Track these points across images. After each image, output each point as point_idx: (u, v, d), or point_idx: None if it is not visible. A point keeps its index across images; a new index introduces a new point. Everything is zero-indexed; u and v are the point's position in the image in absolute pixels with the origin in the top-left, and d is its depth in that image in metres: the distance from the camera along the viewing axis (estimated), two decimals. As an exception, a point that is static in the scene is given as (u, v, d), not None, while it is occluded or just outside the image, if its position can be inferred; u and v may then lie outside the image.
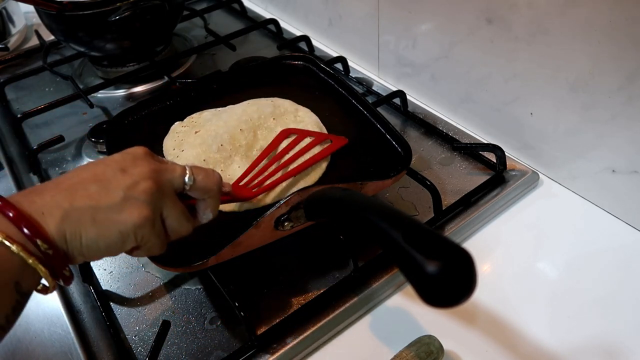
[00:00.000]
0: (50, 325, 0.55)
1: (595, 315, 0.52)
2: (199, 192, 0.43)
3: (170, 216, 0.41)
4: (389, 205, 0.40)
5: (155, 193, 0.39)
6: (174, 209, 0.41)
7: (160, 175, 0.41)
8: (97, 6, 0.77)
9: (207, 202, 0.44)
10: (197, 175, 0.43)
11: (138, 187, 0.38)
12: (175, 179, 0.42)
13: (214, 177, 0.44)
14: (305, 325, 0.52)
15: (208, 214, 0.45)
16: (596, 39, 0.53)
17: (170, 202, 0.41)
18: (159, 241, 0.41)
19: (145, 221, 0.38)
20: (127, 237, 0.38)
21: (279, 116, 0.65)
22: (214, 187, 0.44)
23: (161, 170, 0.41)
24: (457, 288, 0.32)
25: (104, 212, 0.37)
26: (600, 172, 0.60)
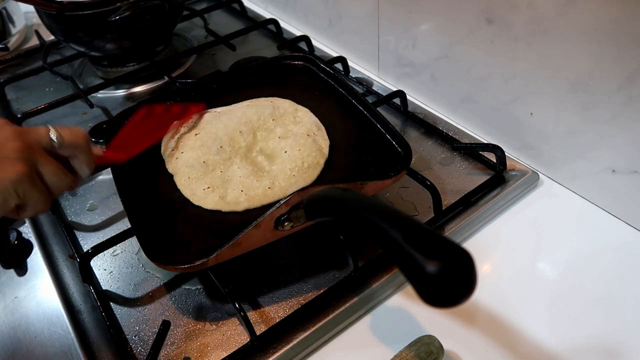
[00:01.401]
0: (50, 325, 0.55)
1: (595, 315, 0.52)
2: (68, 149, 0.45)
3: (47, 172, 0.43)
4: (389, 205, 0.40)
5: (25, 150, 0.41)
6: (48, 164, 0.43)
7: (26, 135, 0.42)
8: (97, 6, 0.77)
9: (80, 158, 0.46)
10: (62, 132, 0.44)
11: (5, 147, 0.40)
12: (41, 137, 0.43)
13: (80, 132, 0.46)
14: (305, 325, 0.52)
15: (85, 169, 0.47)
16: (596, 39, 0.53)
17: (43, 158, 0.43)
18: (42, 196, 0.43)
19: (22, 176, 0.40)
20: (8, 195, 0.40)
21: (278, 117, 0.65)
22: (81, 142, 0.46)
23: (25, 131, 0.43)
24: (457, 288, 0.32)
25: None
26: (600, 172, 0.60)
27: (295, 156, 0.59)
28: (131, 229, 0.57)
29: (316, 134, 0.63)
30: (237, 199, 0.56)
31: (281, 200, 0.48)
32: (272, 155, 0.61)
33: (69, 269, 0.61)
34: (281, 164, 0.59)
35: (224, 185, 0.58)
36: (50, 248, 0.63)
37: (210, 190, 0.57)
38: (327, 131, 0.64)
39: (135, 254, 0.61)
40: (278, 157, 0.60)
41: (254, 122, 0.64)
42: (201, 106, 0.67)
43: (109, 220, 0.66)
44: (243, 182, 0.57)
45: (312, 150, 0.60)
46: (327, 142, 0.62)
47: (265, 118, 0.64)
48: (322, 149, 0.61)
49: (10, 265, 0.61)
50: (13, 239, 0.62)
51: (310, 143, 0.61)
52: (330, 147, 0.62)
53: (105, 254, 0.61)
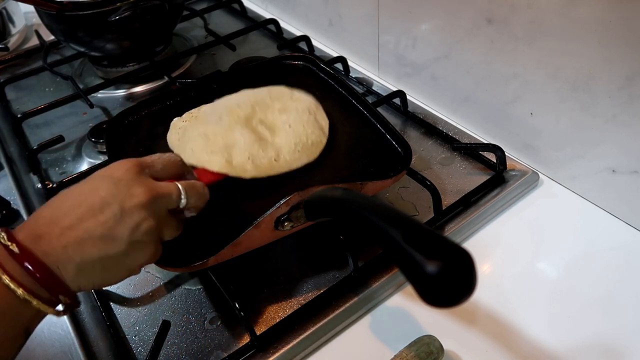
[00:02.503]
0: (50, 325, 0.55)
1: (595, 315, 0.52)
2: (188, 211, 0.46)
3: (166, 234, 0.44)
4: (389, 205, 0.40)
5: (156, 229, 0.42)
6: (169, 229, 0.44)
7: (157, 205, 0.42)
8: (97, 6, 0.77)
9: (193, 212, 0.47)
10: (190, 198, 0.45)
11: (140, 230, 0.40)
12: (170, 203, 0.43)
13: (204, 195, 0.47)
14: (305, 325, 0.52)
15: (191, 214, 0.47)
16: (596, 39, 0.53)
17: (166, 225, 0.43)
18: (158, 254, 0.44)
19: (151, 258, 0.42)
20: (134, 271, 0.42)
21: (275, 96, 0.66)
22: (203, 204, 0.47)
23: (158, 197, 0.42)
24: (457, 288, 0.32)
25: (113, 260, 0.39)
26: (600, 172, 0.60)
27: (299, 132, 0.60)
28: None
29: (316, 113, 0.63)
30: (243, 166, 0.57)
31: (281, 200, 0.48)
32: (273, 127, 0.61)
33: (69, 269, 0.61)
34: (285, 137, 0.59)
35: (227, 150, 0.58)
36: (50, 248, 0.63)
37: (215, 154, 0.57)
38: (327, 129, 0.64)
39: (135, 254, 0.61)
40: (280, 130, 0.61)
41: (251, 98, 0.65)
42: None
43: (109, 220, 0.66)
44: (248, 149, 0.58)
45: (315, 128, 0.61)
46: (326, 122, 0.63)
47: (262, 96, 0.65)
48: (323, 127, 0.62)
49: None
50: (13, 239, 0.62)
51: (312, 121, 0.61)
52: (330, 146, 0.62)
53: (105, 254, 0.61)
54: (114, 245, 0.39)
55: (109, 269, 0.40)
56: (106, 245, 0.39)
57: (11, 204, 0.68)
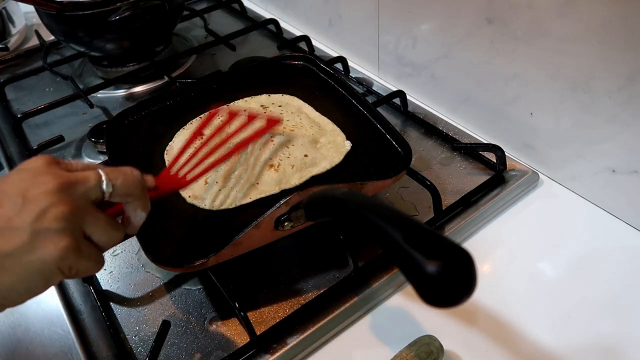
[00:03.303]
0: (50, 325, 0.55)
1: (595, 315, 0.52)
2: (121, 197, 0.39)
3: (96, 232, 0.37)
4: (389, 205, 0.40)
5: (69, 216, 0.34)
6: (96, 224, 0.37)
7: (72, 191, 0.35)
8: (97, 6, 0.77)
9: (135, 204, 0.41)
10: (115, 180, 0.38)
11: (47, 216, 0.33)
12: (90, 190, 0.37)
13: (134, 177, 0.40)
14: (305, 325, 0.52)
15: (140, 214, 0.41)
16: (596, 39, 0.53)
17: (91, 217, 0.36)
18: (91, 263, 0.37)
19: (67, 252, 0.34)
20: (51, 274, 0.34)
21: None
22: (136, 189, 0.40)
23: (71, 183, 0.36)
24: (457, 288, 0.32)
25: (13, 257, 0.33)
26: (600, 172, 0.60)
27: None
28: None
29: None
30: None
31: (281, 200, 0.48)
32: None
33: (69, 269, 0.61)
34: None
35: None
36: (50, 248, 0.63)
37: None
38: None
39: (135, 254, 0.61)
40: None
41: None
42: (276, 121, 0.58)
43: (109, 220, 0.66)
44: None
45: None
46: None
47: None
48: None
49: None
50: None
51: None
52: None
53: (105, 254, 0.60)
54: (11, 238, 0.33)
55: (10, 269, 0.33)
56: (2, 238, 0.33)
57: (11, 204, 0.68)
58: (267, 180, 0.57)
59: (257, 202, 0.56)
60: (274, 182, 0.57)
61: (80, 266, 0.36)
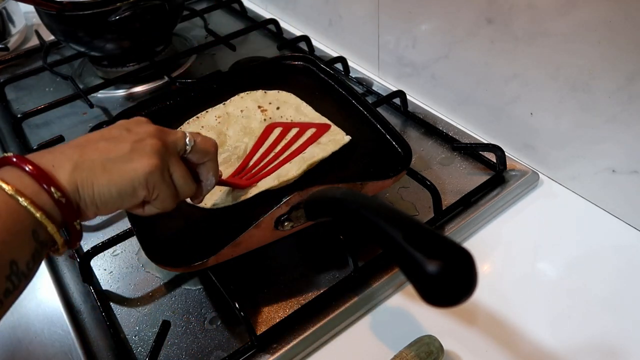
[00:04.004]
0: (50, 325, 0.55)
1: (596, 315, 0.52)
2: (198, 155, 0.46)
3: (176, 172, 0.44)
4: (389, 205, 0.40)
5: (161, 148, 0.42)
6: (179, 167, 0.44)
7: (165, 136, 0.44)
8: (97, 6, 0.77)
9: (207, 165, 0.47)
10: (196, 138, 0.46)
11: (145, 142, 0.41)
12: (178, 140, 0.45)
13: (211, 140, 0.48)
14: (305, 325, 0.52)
15: (211, 178, 0.48)
16: (596, 39, 0.53)
17: (176, 160, 0.44)
18: (169, 192, 0.43)
19: (155, 169, 0.41)
20: (139, 184, 0.40)
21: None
22: (211, 149, 0.47)
23: (164, 131, 0.44)
24: (458, 288, 0.32)
25: (114, 162, 0.40)
26: (600, 172, 0.60)
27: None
28: (131, 229, 0.57)
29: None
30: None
31: (281, 200, 0.48)
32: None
33: (69, 269, 0.61)
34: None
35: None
36: (50, 248, 0.63)
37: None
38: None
39: (135, 254, 0.61)
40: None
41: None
42: (326, 126, 0.64)
43: (109, 220, 0.66)
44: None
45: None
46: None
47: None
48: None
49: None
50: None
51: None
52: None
53: (105, 254, 0.61)
54: (116, 148, 0.40)
55: (110, 170, 0.39)
56: (108, 148, 0.40)
57: (11, 204, 0.68)
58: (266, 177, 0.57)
59: (256, 198, 0.56)
60: (272, 177, 0.57)
61: (161, 190, 0.42)
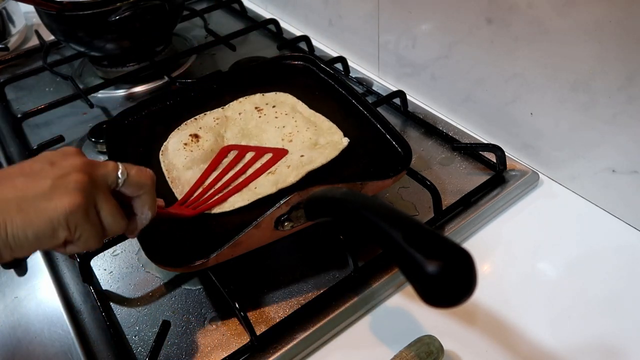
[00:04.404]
0: (50, 325, 0.55)
1: (596, 315, 0.52)
2: (133, 188, 0.43)
3: (104, 209, 0.40)
4: (389, 205, 0.40)
5: (87, 184, 0.39)
6: (107, 203, 0.40)
7: (93, 169, 0.40)
8: (97, 6, 0.77)
9: (143, 198, 0.44)
10: (129, 170, 0.42)
11: (69, 177, 0.38)
12: (108, 173, 0.41)
13: (147, 172, 0.44)
14: (305, 325, 0.52)
15: (147, 212, 0.44)
16: (596, 39, 0.53)
17: (104, 196, 0.40)
18: (94, 231, 0.40)
19: (78, 208, 0.37)
20: (59, 225, 0.37)
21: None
22: (147, 182, 0.44)
23: (93, 164, 0.41)
24: (457, 288, 0.32)
25: (31, 201, 0.37)
26: (600, 172, 0.60)
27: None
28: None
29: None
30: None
31: (281, 200, 0.48)
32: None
33: (69, 269, 0.61)
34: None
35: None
36: (50, 248, 0.63)
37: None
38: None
39: (135, 254, 0.61)
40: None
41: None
42: (283, 152, 0.62)
43: (109, 220, 0.66)
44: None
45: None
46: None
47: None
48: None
49: (10, 265, 0.61)
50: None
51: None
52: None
53: (105, 254, 0.61)
54: (34, 185, 0.37)
55: (26, 210, 0.36)
56: (26, 185, 0.37)
57: (11, 204, 0.68)
58: (265, 183, 0.57)
59: (255, 204, 0.56)
60: (270, 183, 0.57)
61: (84, 230, 0.39)
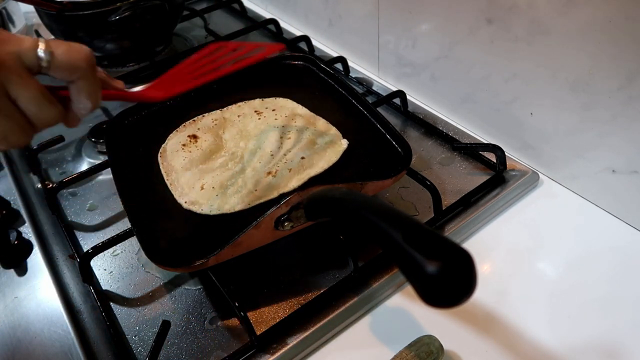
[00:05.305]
0: (50, 325, 0.55)
1: (595, 315, 0.52)
2: (62, 72, 0.35)
3: (22, 97, 0.33)
4: (389, 205, 0.40)
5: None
6: (24, 88, 0.33)
7: (2, 46, 0.32)
8: (97, 6, 0.77)
9: (78, 85, 0.36)
10: (55, 49, 0.34)
11: None
12: (23, 52, 0.33)
13: (82, 52, 0.35)
14: (305, 325, 0.52)
15: (85, 101, 0.36)
16: (596, 38, 0.53)
17: (18, 79, 0.33)
18: (13, 123, 0.33)
19: None
20: None
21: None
22: (81, 64, 0.35)
23: (3, 40, 0.33)
24: (457, 288, 0.32)
25: None
26: (600, 172, 0.60)
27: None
28: (131, 229, 0.57)
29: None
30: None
31: (281, 201, 0.48)
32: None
33: (69, 269, 0.61)
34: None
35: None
36: (50, 248, 0.63)
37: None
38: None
39: (135, 254, 0.61)
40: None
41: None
42: (279, 46, 0.57)
43: (109, 220, 0.66)
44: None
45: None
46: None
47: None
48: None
49: (10, 265, 0.61)
50: (13, 239, 0.62)
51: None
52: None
53: (105, 254, 0.61)
54: None
55: None
56: None
57: (11, 204, 0.68)
58: (265, 186, 0.57)
59: (255, 208, 0.56)
60: (271, 187, 0.57)
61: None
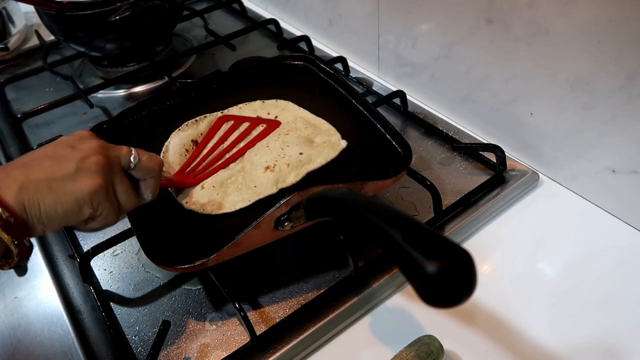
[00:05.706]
0: (50, 325, 0.55)
1: (595, 315, 0.52)
2: (142, 172, 0.48)
3: (120, 189, 0.46)
4: (389, 205, 0.40)
5: (105, 165, 0.44)
6: (122, 182, 0.46)
7: (109, 151, 0.45)
8: (97, 6, 0.77)
9: (148, 182, 0.49)
10: (141, 156, 0.47)
11: (89, 160, 0.43)
12: (122, 156, 0.46)
13: (157, 159, 0.49)
14: (305, 325, 0.52)
15: (148, 194, 0.50)
16: (596, 38, 0.53)
17: (119, 176, 0.46)
18: (113, 209, 0.45)
19: (100, 188, 0.43)
20: (84, 203, 0.42)
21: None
22: (155, 168, 0.49)
23: (109, 147, 0.46)
24: (457, 288, 0.32)
25: (59, 182, 0.41)
26: (600, 172, 0.60)
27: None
28: (131, 229, 0.57)
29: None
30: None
31: (281, 200, 0.48)
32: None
33: (69, 269, 0.61)
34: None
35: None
36: (50, 248, 0.63)
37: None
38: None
39: (135, 254, 0.61)
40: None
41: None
42: (276, 123, 0.66)
43: (109, 220, 0.66)
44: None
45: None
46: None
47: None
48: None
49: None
50: (13, 239, 0.62)
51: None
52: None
53: (105, 254, 0.61)
54: (60, 168, 0.41)
55: (56, 190, 0.41)
56: (52, 168, 0.41)
57: (11, 204, 0.68)
58: (264, 181, 0.57)
59: (255, 205, 0.56)
60: (270, 182, 0.57)
61: (105, 207, 0.44)
